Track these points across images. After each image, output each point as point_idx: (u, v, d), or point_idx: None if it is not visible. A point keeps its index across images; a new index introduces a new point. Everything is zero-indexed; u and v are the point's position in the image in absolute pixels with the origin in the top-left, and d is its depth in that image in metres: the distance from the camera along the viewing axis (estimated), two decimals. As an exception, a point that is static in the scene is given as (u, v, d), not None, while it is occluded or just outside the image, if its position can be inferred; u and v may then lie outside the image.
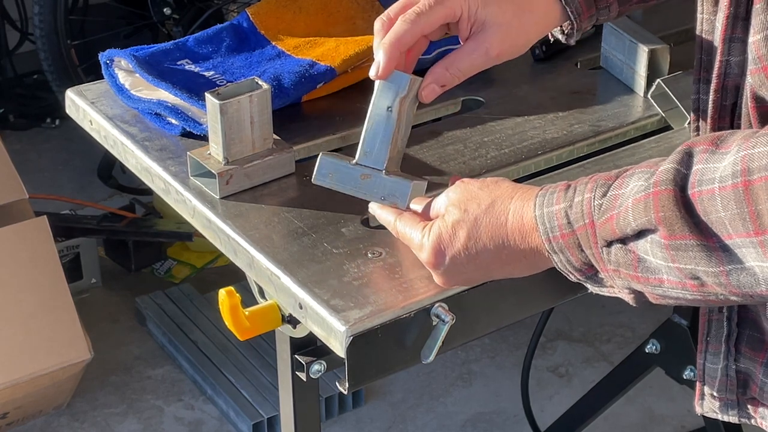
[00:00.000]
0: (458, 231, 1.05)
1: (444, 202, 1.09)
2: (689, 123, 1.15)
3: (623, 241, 0.97)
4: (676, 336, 1.93)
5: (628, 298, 1.02)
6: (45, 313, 2.35)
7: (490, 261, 1.06)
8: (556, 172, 1.31)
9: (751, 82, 1.01)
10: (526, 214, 1.03)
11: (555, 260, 1.03)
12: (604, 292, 1.04)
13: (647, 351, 1.98)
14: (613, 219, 0.97)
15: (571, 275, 1.04)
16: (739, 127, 1.05)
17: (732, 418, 1.16)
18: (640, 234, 0.96)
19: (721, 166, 0.91)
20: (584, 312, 2.83)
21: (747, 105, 1.02)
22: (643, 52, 1.45)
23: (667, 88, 1.41)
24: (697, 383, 1.17)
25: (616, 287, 1.02)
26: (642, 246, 0.96)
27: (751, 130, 0.94)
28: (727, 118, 1.07)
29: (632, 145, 1.37)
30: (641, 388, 2.30)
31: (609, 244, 0.98)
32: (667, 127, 1.41)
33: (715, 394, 1.15)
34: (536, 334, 2.17)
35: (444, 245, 1.06)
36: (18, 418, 2.42)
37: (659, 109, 1.42)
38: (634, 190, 0.96)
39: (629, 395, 2.29)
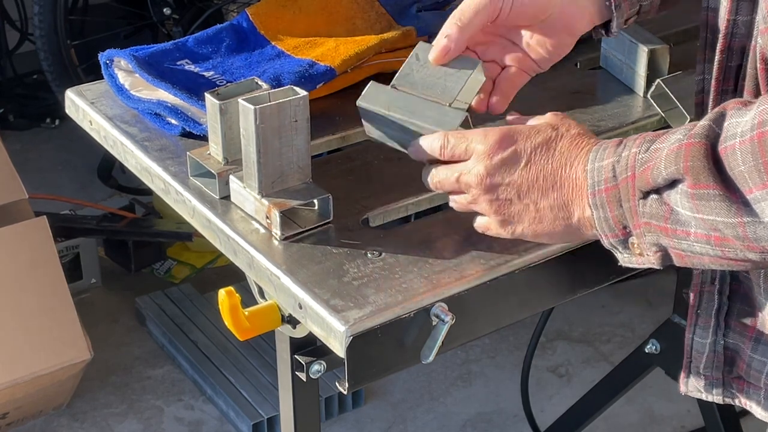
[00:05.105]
0: (540, 132, 1.07)
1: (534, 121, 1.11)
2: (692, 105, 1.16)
3: (658, 191, 0.99)
4: (676, 336, 1.93)
5: (655, 257, 1.03)
6: (45, 313, 2.35)
7: (537, 197, 1.07)
8: (555, 172, 1.31)
9: (761, 42, 1.02)
10: (581, 169, 1.05)
11: (594, 217, 1.04)
12: (632, 262, 1.05)
13: (647, 351, 1.98)
14: (649, 169, 0.99)
15: (604, 238, 1.05)
16: (743, 89, 1.06)
17: (716, 397, 1.17)
18: (672, 184, 0.98)
19: (743, 121, 0.94)
20: (584, 312, 2.83)
21: (755, 67, 1.04)
22: (642, 52, 1.45)
23: (666, 88, 1.41)
24: (684, 361, 1.17)
25: (644, 249, 1.03)
26: (674, 197, 0.98)
27: None
28: (732, 80, 1.08)
29: (632, 145, 1.37)
30: (641, 388, 2.30)
31: (645, 195, 1.00)
32: (666, 127, 1.41)
33: (701, 371, 1.16)
34: (536, 334, 2.18)
35: (516, 135, 1.07)
36: (18, 418, 2.42)
37: (659, 109, 1.42)
38: (671, 141, 0.99)
39: (629, 395, 2.29)
